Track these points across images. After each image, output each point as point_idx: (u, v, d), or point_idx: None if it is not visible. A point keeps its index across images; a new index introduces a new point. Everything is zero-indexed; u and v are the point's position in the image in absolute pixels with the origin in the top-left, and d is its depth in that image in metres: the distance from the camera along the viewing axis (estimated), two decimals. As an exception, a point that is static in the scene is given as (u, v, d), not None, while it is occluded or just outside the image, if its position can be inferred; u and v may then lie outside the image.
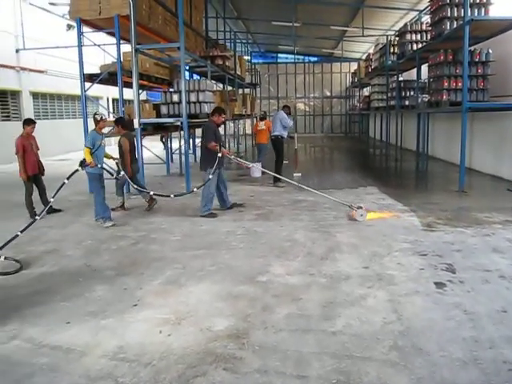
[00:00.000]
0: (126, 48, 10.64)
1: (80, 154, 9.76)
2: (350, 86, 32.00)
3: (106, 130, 11.14)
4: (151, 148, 16.42)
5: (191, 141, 16.73)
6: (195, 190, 7.69)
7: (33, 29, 18.73)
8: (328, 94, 34.37)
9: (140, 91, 10.71)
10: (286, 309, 4.01)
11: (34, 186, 8.15)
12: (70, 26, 18.36)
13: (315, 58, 34.41)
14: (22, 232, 5.71)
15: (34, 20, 19.07)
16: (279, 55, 34.67)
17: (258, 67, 30.04)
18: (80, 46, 9.98)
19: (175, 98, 10.96)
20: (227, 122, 17.23)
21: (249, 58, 27.85)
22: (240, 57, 20.35)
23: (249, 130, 23.01)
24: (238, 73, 18.38)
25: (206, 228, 7.01)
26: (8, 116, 18.25)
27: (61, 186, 6.20)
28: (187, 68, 15.10)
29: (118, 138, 8.79)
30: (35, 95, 19.75)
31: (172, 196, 7.63)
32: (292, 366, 3.13)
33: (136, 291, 4.53)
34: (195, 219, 7.57)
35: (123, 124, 8.59)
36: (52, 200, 6.43)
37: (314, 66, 34.21)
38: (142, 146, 10.11)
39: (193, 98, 11.15)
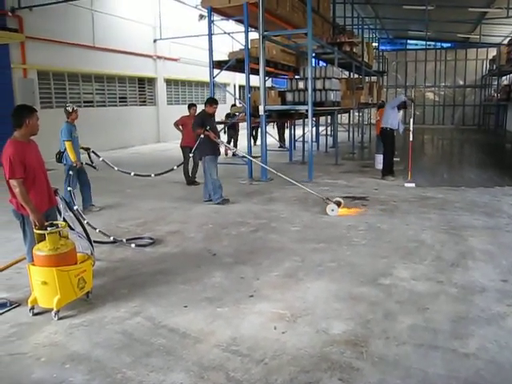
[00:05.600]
0: (254, 36, 10.73)
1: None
2: (486, 75, 29.25)
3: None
4: (275, 135, 16.59)
5: (315, 129, 16.54)
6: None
7: (168, 20, 19.91)
8: (461, 82, 31.71)
9: (266, 78, 10.72)
10: (410, 318, 3.66)
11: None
12: (201, 16, 19.14)
13: (448, 44, 31.92)
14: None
15: (170, 11, 20.23)
16: (408, 41, 32.79)
17: (386, 54, 28.73)
18: (210, 34, 10.25)
19: (301, 85, 10.80)
20: (352, 111, 16.69)
21: (376, 44, 26.65)
22: (368, 43, 19.57)
23: (374, 120, 22.17)
24: (366, 60, 17.72)
25: (326, 220, 6.77)
26: (144, 101, 19.70)
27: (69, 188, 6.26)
28: (313, 55, 14.86)
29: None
30: (168, 82, 21.03)
31: (152, 175, 7.70)
32: (415, 388, 2.80)
33: (253, 281, 4.47)
34: (316, 209, 7.35)
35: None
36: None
37: (446, 53, 31.73)
38: (266, 132, 10.16)
39: (318, 85, 10.89)
